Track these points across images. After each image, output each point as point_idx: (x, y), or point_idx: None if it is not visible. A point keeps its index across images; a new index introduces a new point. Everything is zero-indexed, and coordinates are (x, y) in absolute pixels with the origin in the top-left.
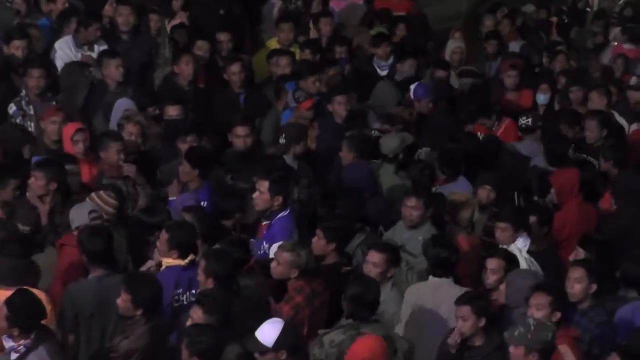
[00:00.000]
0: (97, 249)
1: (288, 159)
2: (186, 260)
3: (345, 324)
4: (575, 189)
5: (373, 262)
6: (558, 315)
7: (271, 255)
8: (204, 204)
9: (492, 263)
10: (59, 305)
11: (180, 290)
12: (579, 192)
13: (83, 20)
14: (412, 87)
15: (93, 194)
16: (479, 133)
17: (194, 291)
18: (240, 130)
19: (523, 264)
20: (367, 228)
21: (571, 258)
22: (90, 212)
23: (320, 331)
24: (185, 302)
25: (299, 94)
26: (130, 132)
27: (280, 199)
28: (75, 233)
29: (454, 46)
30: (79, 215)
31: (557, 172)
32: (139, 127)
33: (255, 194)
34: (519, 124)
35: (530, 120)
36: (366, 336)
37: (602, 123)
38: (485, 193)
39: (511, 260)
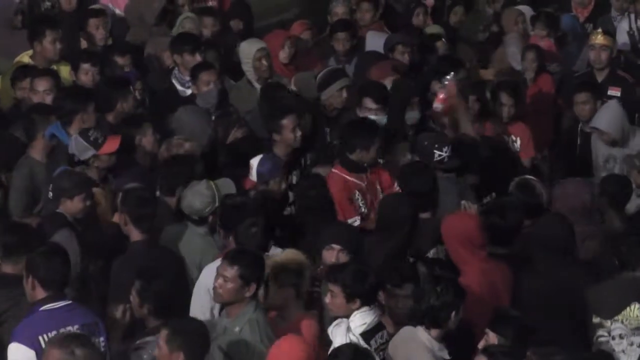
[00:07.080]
0: None
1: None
2: None
3: None
4: (476, 242)
5: None
6: None
7: None
8: None
9: None
10: None
11: None
12: (482, 245)
13: None
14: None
15: None
16: None
17: None
18: None
19: None
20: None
21: (480, 346)
22: None
23: None
24: None
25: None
26: None
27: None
28: None
29: (255, 49)
30: None
31: (448, 220)
32: None
33: None
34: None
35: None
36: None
37: None
38: (332, 255)
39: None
